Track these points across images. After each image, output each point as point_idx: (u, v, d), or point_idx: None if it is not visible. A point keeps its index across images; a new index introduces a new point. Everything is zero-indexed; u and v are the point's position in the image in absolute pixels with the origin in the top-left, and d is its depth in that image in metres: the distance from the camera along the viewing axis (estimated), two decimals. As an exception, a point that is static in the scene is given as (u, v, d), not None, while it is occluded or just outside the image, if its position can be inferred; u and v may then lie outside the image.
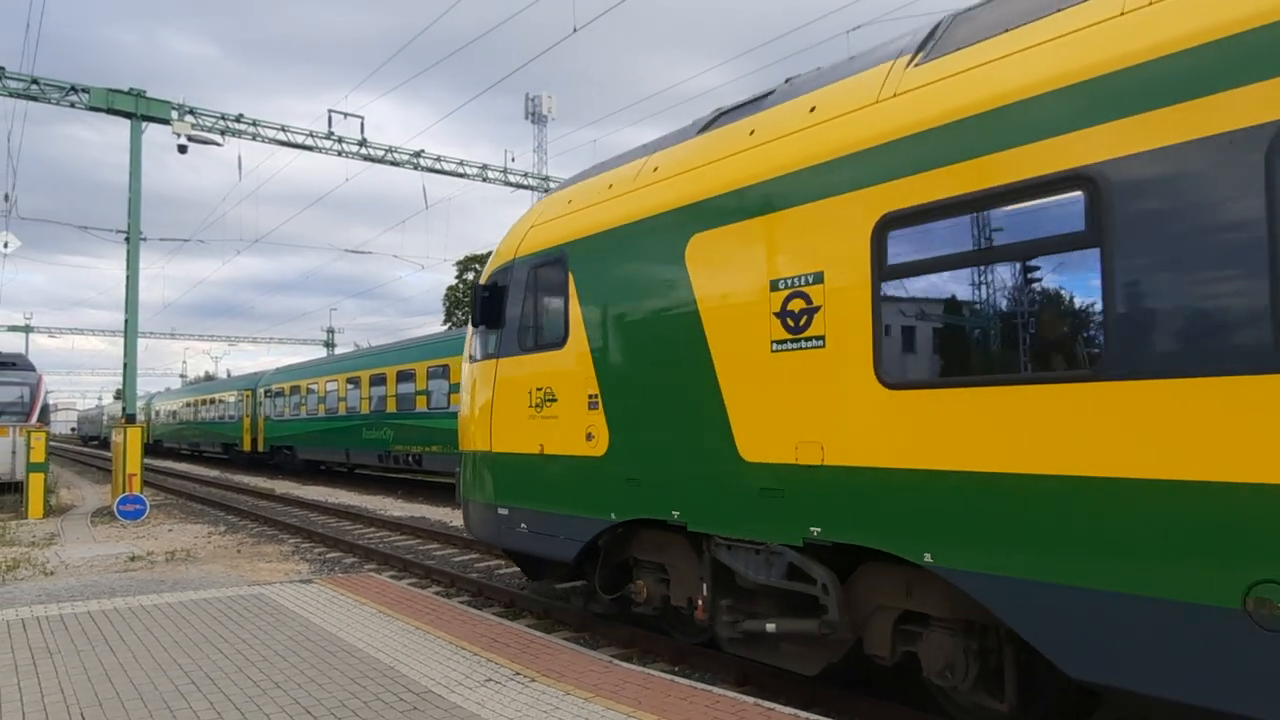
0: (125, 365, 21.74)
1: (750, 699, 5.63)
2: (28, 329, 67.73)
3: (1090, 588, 4.19)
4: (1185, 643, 3.87)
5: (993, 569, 4.59)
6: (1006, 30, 4.95)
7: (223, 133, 22.76)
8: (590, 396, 7.55)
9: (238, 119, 23.07)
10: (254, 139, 23.54)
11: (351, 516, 18.15)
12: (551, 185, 26.77)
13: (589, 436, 7.54)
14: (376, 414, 25.99)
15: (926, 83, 5.24)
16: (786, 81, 6.89)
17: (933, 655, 5.22)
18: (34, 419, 24.49)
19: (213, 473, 36.27)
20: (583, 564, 8.13)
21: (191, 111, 22.26)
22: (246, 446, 37.89)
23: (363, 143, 24.82)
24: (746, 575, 6.19)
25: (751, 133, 6.48)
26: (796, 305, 5.73)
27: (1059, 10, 4.69)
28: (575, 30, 13.50)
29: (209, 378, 73.22)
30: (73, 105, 20.86)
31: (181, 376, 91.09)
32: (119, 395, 23.02)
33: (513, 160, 28.19)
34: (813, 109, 6.01)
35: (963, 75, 5.03)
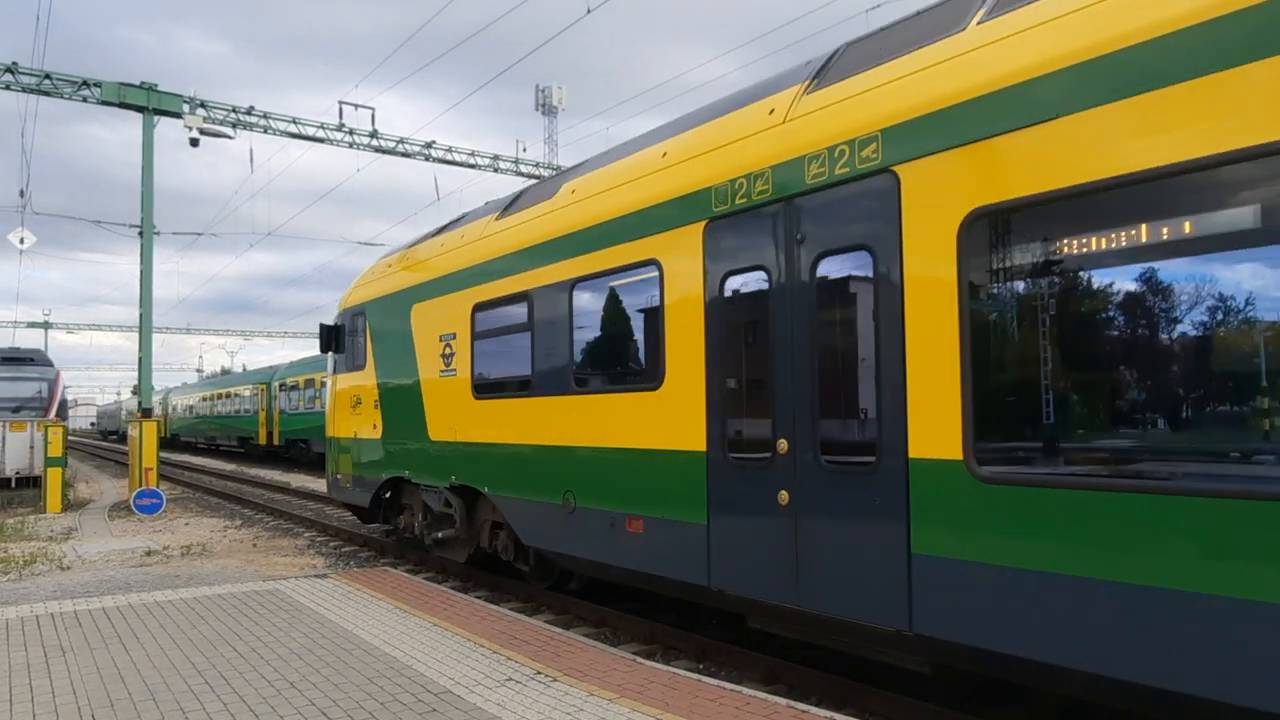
0: (140, 360, 21.70)
1: (783, 700, 5.43)
2: (46, 325, 68.18)
3: (523, 498, 8.53)
4: (552, 519, 8.04)
5: (502, 492, 8.96)
6: (527, 206, 9.06)
7: (234, 125, 22.65)
8: (375, 400, 11.73)
9: (248, 111, 22.95)
10: (265, 131, 23.42)
11: (367, 510, 18.02)
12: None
13: (374, 425, 11.71)
14: None
15: (495, 232, 9.39)
16: (485, 204, 10.98)
17: (501, 544, 9.46)
18: (52, 413, 24.61)
19: (229, 466, 36.34)
20: (379, 509, 12.28)
21: (203, 104, 22.17)
22: (262, 440, 37.96)
23: (374, 134, 24.67)
24: (432, 506, 10.44)
25: (442, 244, 10.67)
26: (448, 350, 9.92)
27: (537, 203, 8.86)
28: (589, 11, 13.24)
29: (225, 372, 73.51)
30: (85, 100, 20.79)
31: (198, 371, 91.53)
32: (136, 391, 23.42)
33: (524, 151, 27.95)
34: (463, 235, 10.20)
35: (503, 232, 9.19)
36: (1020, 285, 4.69)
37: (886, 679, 6.12)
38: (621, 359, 7.61)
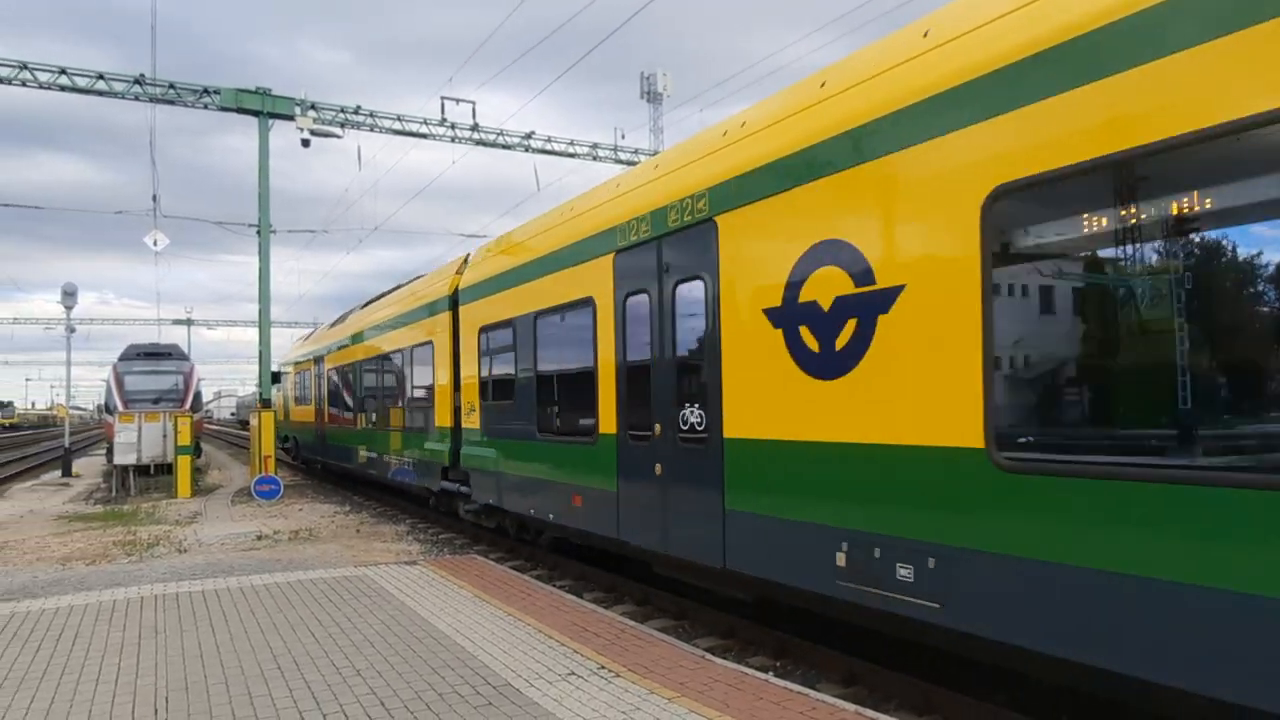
0: (260, 354, 22.81)
1: (852, 706, 5.05)
2: (189, 322, 73.12)
3: (300, 437, 27.00)
4: (307, 447, 25.78)
5: (300, 437, 26.70)
6: (329, 327, 25.22)
7: (342, 125, 23.41)
8: (284, 405, 28.33)
9: (355, 111, 23.68)
10: (371, 130, 24.12)
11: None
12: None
13: (284, 415, 27.74)
14: None
15: (302, 344, 28.51)
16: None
17: (303, 458, 28.03)
18: (187, 405, 26.16)
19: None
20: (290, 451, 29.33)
21: (313, 106, 23.00)
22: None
23: (475, 127, 25.04)
24: (290, 446, 28.95)
25: (300, 343, 29.66)
26: (295, 391, 27.09)
27: (327, 329, 25.38)
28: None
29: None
30: (205, 106, 21.93)
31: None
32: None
33: (622, 138, 27.82)
34: (303, 341, 29.46)
35: (304, 344, 28.24)
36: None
37: (972, 684, 5.63)
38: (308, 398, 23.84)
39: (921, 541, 4.82)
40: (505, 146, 25.89)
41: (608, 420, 8.15)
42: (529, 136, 25.98)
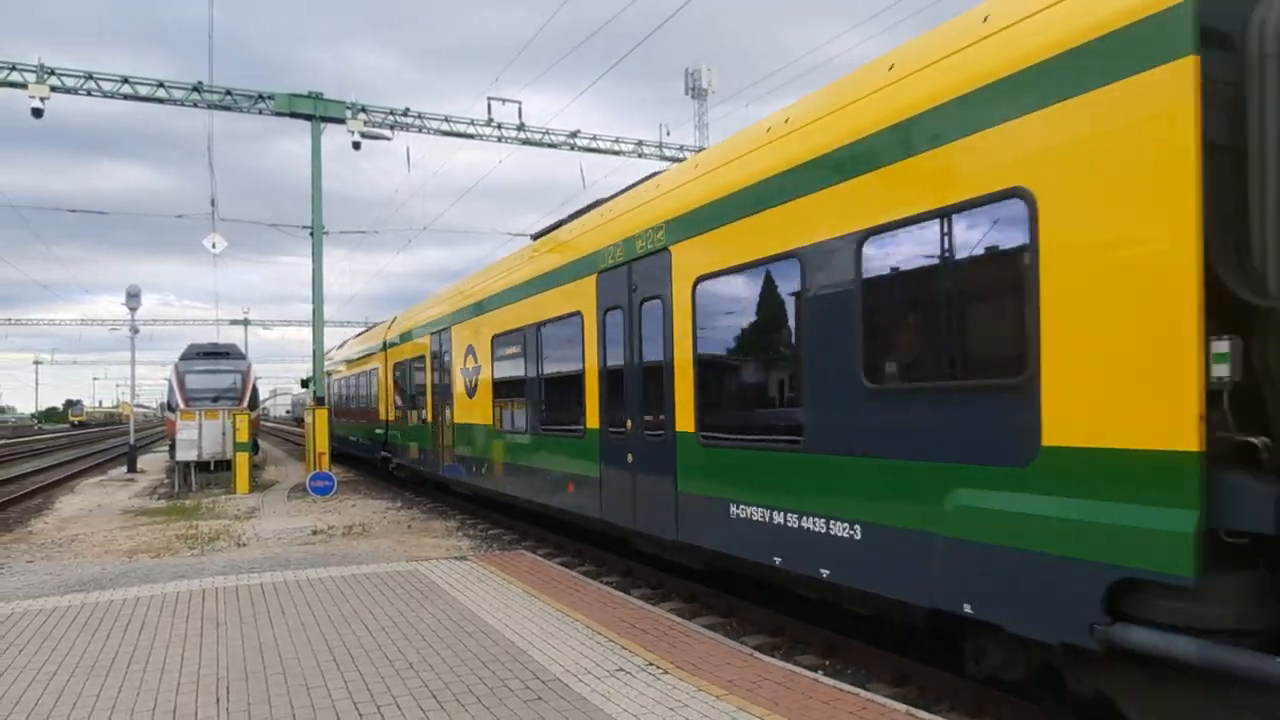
0: (314, 353, 23.29)
1: (903, 706, 4.99)
2: (246, 322, 74.93)
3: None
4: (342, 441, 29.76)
5: (340, 433, 30.41)
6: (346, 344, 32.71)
7: (391, 127, 23.78)
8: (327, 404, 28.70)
9: (404, 113, 24.04)
10: (420, 131, 24.45)
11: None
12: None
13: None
14: None
15: (335, 355, 33.17)
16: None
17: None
18: (244, 403, 26.84)
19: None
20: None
21: (363, 109, 23.41)
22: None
23: (521, 127, 25.24)
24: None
25: (332, 356, 32.06)
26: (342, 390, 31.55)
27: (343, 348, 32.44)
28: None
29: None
30: (260, 112, 22.44)
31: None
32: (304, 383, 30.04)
33: (667, 135, 27.77)
34: (336, 353, 32.63)
35: (338, 350, 33.37)
36: None
37: (1027, 689, 5.53)
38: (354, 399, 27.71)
39: (485, 459, 13.17)
40: (551, 145, 26.05)
41: (428, 415, 16.76)
42: (574, 135, 26.10)
